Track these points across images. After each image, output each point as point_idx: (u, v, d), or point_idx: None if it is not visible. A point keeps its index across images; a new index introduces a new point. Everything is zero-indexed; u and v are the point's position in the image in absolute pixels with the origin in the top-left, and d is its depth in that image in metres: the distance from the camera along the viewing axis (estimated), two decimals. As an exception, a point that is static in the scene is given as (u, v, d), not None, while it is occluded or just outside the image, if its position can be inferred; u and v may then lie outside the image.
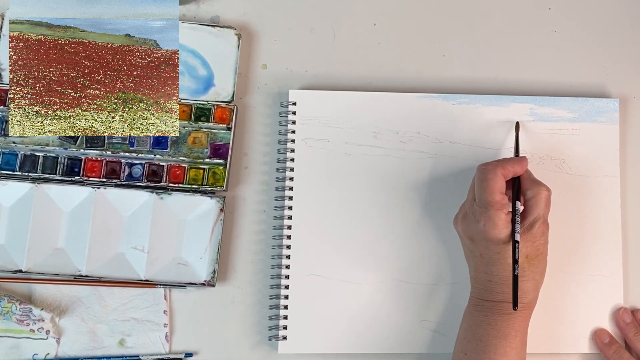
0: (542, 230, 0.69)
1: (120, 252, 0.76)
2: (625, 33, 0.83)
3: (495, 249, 0.68)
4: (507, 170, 0.69)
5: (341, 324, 0.76)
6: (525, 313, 0.69)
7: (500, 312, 0.68)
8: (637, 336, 0.75)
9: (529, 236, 0.69)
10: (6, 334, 0.75)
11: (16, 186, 0.76)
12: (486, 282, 0.69)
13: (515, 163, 0.71)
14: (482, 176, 0.69)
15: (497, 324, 0.68)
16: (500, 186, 0.68)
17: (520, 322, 0.69)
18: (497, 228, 0.67)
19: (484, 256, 0.69)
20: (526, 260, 0.68)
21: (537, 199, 0.69)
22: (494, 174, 0.68)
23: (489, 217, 0.68)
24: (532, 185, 0.70)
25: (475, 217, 0.69)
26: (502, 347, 0.68)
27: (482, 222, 0.68)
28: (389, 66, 0.82)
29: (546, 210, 0.70)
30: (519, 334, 0.68)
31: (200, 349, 0.77)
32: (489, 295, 0.69)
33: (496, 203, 0.68)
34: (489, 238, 0.68)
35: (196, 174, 0.77)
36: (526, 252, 0.68)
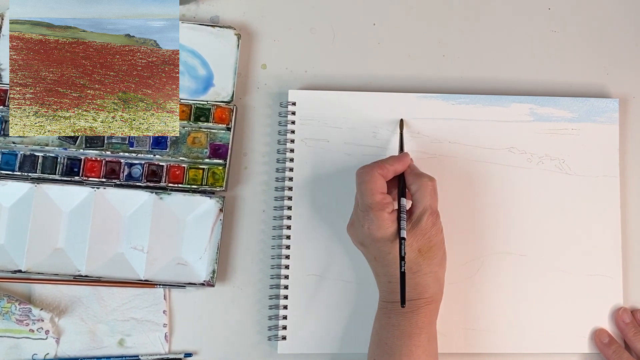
0: (432, 221, 0.68)
1: (119, 252, 0.76)
2: (625, 33, 0.83)
3: (385, 250, 0.67)
4: (386, 170, 0.69)
5: (341, 324, 0.76)
6: (430, 308, 0.68)
7: (402, 312, 0.68)
8: (637, 336, 0.75)
9: (418, 230, 0.68)
10: (6, 334, 0.75)
11: (16, 186, 0.76)
12: (387, 284, 0.69)
13: (395, 161, 0.70)
14: (360, 179, 0.69)
15: (400, 325, 0.67)
16: (379, 187, 0.68)
17: (424, 318, 0.68)
18: (382, 228, 0.67)
19: (378, 259, 0.69)
20: (419, 254, 0.67)
21: (422, 191, 0.69)
22: (370, 175, 0.68)
23: (372, 219, 0.67)
24: (415, 179, 0.69)
25: (360, 221, 0.68)
26: (407, 347, 0.67)
27: (366, 225, 0.68)
28: (389, 66, 0.82)
29: (433, 200, 0.69)
30: (423, 331, 0.67)
31: (200, 349, 0.77)
32: (391, 296, 0.69)
33: (377, 204, 0.67)
34: (377, 239, 0.67)
35: (196, 174, 0.77)
36: (418, 246, 0.67)
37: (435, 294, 0.69)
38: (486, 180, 0.78)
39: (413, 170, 0.71)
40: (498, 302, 0.77)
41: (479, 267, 0.77)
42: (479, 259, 0.77)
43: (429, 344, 0.68)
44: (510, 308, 0.76)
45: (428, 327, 0.68)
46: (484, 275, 0.77)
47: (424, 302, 0.68)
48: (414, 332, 0.67)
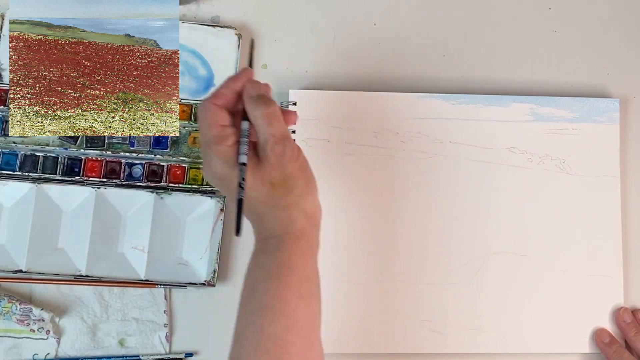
0: (280, 150, 0.59)
1: (120, 252, 0.76)
2: (625, 33, 0.83)
3: (234, 187, 0.58)
4: (222, 97, 0.60)
5: (341, 323, 0.76)
6: (300, 244, 0.61)
7: (267, 250, 0.60)
8: (638, 336, 0.75)
9: (265, 163, 0.59)
10: (6, 334, 0.75)
11: (16, 186, 0.76)
12: (253, 223, 0.62)
13: (230, 81, 0.61)
14: (198, 115, 0.60)
15: (266, 265, 0.60)
16: (215, 119, 0.59)
17: (293, 256, 0.60)
18: (226, 163, 0.59)
19: (232, 198, 0.59)
20: (272, 187, 0.59)
21: (260, 118, 0.59)
22: (205, 108, 0.59)
23: (211, 156, 0.59)
24: (253, 106, 0.60)
25: (205, 161, 0.61)
26: (274, 289, 0.58)
27: (206, 164, 0.60)
28: (389, 66, 0.82)
29: (276, 127, 0.59)
30: (293, 270, 0.59)
31: (200, 349, 0.77)
32: (258, 235, 0.62)
33: (214, 138, 0.59)
34: (222, 178, 0.60)
35: (196, 174, 0.77)
36: (270, 180, 0.59)
37: (304, 228, 0.61)
38: (486, 181, 0.78)
39: (250, 93, 0.61)
40: (498, 302, 0.77)
41: (480, 267, 0.77)
42: (479, 259, 0.77)
43: (300, 284, 0.59)
44: (511, 308, 0.76)
45: (301, 266, 0.60)
46: (484, 276, 0.77)
47: (290, 237, 0.60)
48: (283, 272, 0.59)
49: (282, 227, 0.61)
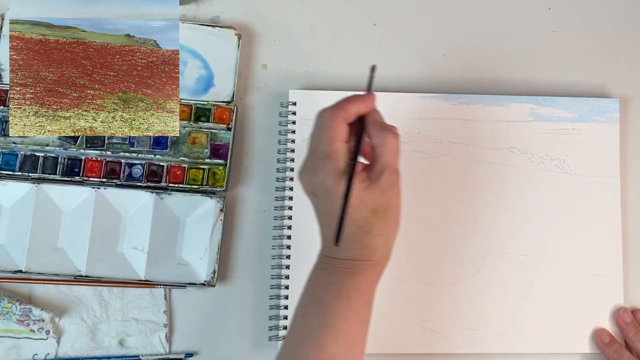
0: (392, 181, 0.61)
1: (120, 252, 0.76)
2: (625, 33, 0.83)
3: (339, 203, 0.60)
4: (348, 113, 0.62)
5: (341, 324, 0.76)
6: (373, 272, 0.63)
7: (344, 270, 0.62)
8: (638, 336, 0.75)
9: (376, 188, 0.61)
10: (6, 334, 0.75)
11: (16, 186, 0.76)
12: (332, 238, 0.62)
13: (359, 101, 0.63)
14: (320, 123, 0.62)
15: (340, 284, 0.62)
16: (339, 133, 0.61)
17: (366, 282, 0.62)
18: (336, 177, 0.60)
19: (329, 211, 0.61)
20: (373, 214, 0.61)
21: (384, 146, 0.61)
22: (332, 120, 0.61)
23: (329, 169, 0.60)
24: (378, 132, 0.62)
25: (316, 169, 0.61)
26: (343, 310, 0.61)
27: (321, 174, 0.60)
28: (389, 66, 0.82)
29: (394, 158, 0.62)
30: (363, 296, 0.62)
31: (200, 349, 0.77)
32: (335, 252, 0.62)
33: (336, 153, 0.60)
34: (331, 191, 0.60)
35: (196, 174, 0.77)
36: (373, 206, 0.61)
37: (382, 259, 0.63)
38: (486, 181, 0.78)
39: (377, 119, 0.63)
40: (498, 302, 0.77)
41: (480, 268, 0.77)
42: (479, 259, 0.77)
43: (364, 311, 0.63)
44: (511, 308, 0.76)
45: (368, 293, 0.63)
46: (484, 276, 0.77)
47: (369, 264, 0.62)
48: (353, 295, 0.61)
49: (364, 253, 0.62)
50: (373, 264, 0.63)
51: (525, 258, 0.77)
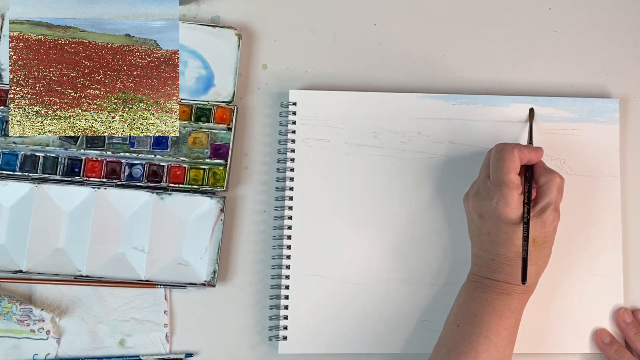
0: (553, 217, 0.70)
1: (120, 252, 0.76)
2: (625, 33, 0.83)
3: (504, 229, 0.69)
4: (523, 155, 0.70)
5: (341, 324, 0.76)
6: (523, 297, 0.70)
7: (499, 291, 0.69)
8: (638, 336, 0.75)
9: (538, 221, 0.69)
10: (6, 334, 0.75)
11: (16, 186, 0.76)
12: (489, 261, 0.70)
13: (532, 151, 0.71)
14: (499, 155, 0.70)
15: (494, 302, 0.69)
16: (515, 166, 0.69)
17: (517, 303, 0.69)
18: (509, 207, 0.68)
19: (492, 234, 0.69)
20: (533, 244, 0.69)
21: (550, 185, 0.70)
22: (511, 153, 0.69)
23: (503, 195, 0.68)
24: (545, 173, 0.71)
25: (489, 194, 0.69)
26: (496, 325, 0.68)
27: (495, 199, 0.69)
28: (389, 66, 0.82)
29: (558, 197, 0.70)
30: (514, 315, 0.69)
31: (200, 349, 0.77)
32: (490, 273, 0.70)
33: (511, 182, 0.68)
34: (500, 216, 0.68)
35: (196, 174, 0.77)
36: (534, 236, 0.69)
37: (531, 286, 0.70)
38: (487, 180, 0.78)
39: (544, 164, 0.72)
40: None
41: (480, 267, 0.77)
42: (479, 259, 0.77)
43: (514, 330, 0.69)
44: (511, 308, 0.76)
45: (517, 314, 0.69)
46: (484, 275, 0.77)
47: (521, 289, 0.69)
48: (506, 314, 0.68)
49: (518, 278, 0.68)
50: (524, 289, 0.69)
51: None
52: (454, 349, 0.68)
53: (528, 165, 0.72)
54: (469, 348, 0.67)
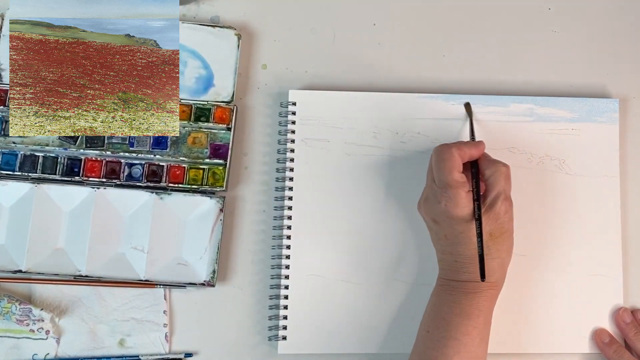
0: (506, 207, 0.69)
1: (120, 252, 0.76)
2: (625, 33, 0.83)
3: (458, 228, 0.68)
4: (463, 152, 0.70)
5: (341, 324, 0.76)
6: (491, 293, 0.69)
7: (465, 291, 0.69)
8: (637, 336, 0.75)
9: (491, 214, 0.68)
10: (6, 334, 0.75)
11: (16, 186, 0.76)
12: (452, 263, 0.70)
13: (472, 147, 0.71)
14: (438, 157, 0.69)
15: (461, 303, 0.68)
16: (456, 165, 0.69)
17: (484, 301, 0.69)
18: (458, 206, 0.68)
19: (449, 236, 0.69)
20: (490, 238, 0.68)
21: (496, 176, 0.69)
22: (449, 154, 0.69)
23: (449, 196, 0.68)
24: (489, 165, 0.70)
25: (436, 198, 0.69)
26: (465, 326, 0.67)
27: (443, 202, 0.68)
28: (389, 66, 0.82)
29: (506, 186, 0.70)
30: (482, 313, 0.68)
31: (200, 349, 0.77)
32: (455, 275, 0.70)
33: (455, 182, 0.68)
34: (452, 217, 0.68)
35: (196, 174, 0.77)
36: (489, 230, 0.68)
37: (499, 280, 0.70)
38: (486, 180, 0.78)
39: (487, 157, 0.72)
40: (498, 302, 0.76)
41: (479, 267, 0.77)
42: (479, 259, 0.77)
43: (484, 327, 0.69)
44: (511, 308, 0.76)
45: (487, 311, 0.69)
46: (484, 275, 0.77)
47: (487, 285, 0.69)
48: (474, 313, 0.68)
49: None
50: (490, 286, 0.69)
51: (525, 258, 0.77)
52: (424, 355, 0.68)
53: (473, 161, 0.71)
54: (439, 353, 0.67)
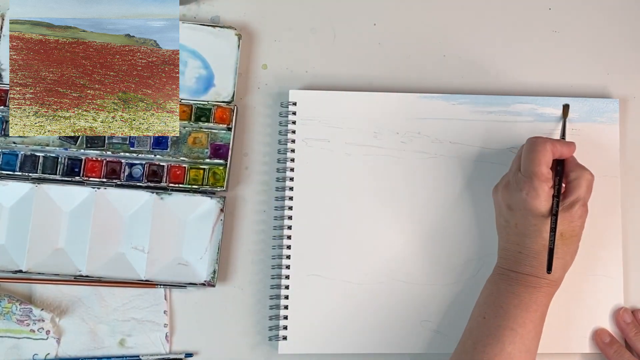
0: (581, 212, 0.70)
1: (120, 252, 0.76)
2: (625, 33, 0.83)
3: (532, 221, 0.69)
4: (556, 148, 0.70)
5: (341, 324, 0.76)
6: (549, 290, 0.70)
7: (525, 284, 0.69)
8: (638, 336, 0.75)
9: (567, 215, 0.69)
10: (6, 334, 0.75)
11: (16, 186, 0.76)
12: (516, 254, 0.70)
13: (564, 145, 0.71)
14: (531, 147, 0.70)
15: (520, 295, 0.69)
16: (547, 159, 0.69)
17: (543, 297, 0.69)
18: (538, 199, 0.68)
19: (519, 226, 0.70)
20: (560, 237, 0.69)
21: (580, 180, 0.70)
22: (543, 146, 0.69)
23: (533, 187, 0.68)
24: (576, 168, 0.71)
25: (519, 186, 0.69)
26: (522, 318, 0.68)
27: (524, 191, 0.69)
28: (389, 66, 0.82)
29: (587, 193, 0.71)
30: (540, 308, 0.69)
31: (200, 349, 0.77)
32: (517, 266, 0.70)
33: (542, 175, 0.69)
34: (529, 208, 0.69)
35: (196, 174, 0.77)
36: (562, 230, 0.69)
37: (558, 280, 0.70)
38: (487, 181, 0.78)
39: (575, 160, 0.72)
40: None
41: (480, 267, 0.77)
42: (479, 259, 0.77)
43: (540, 322, 0.69)
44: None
45: (543, 307, 0.69)
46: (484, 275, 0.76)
47: (546, 282, 0.69)
48: (532, 307, 0.68)
49: (544, 269, 0.69)
50: (550, 283, 0.69)
51: (526, 258, 0.77)
52: (480, 341, 0.68)
53: (560, 160, 0.72)
54: (495, 340, 0.67)
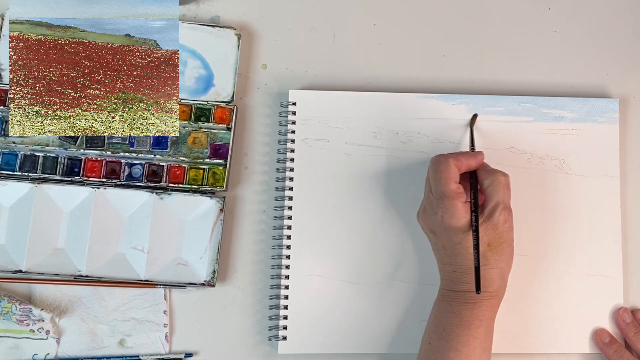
0: (505, 217, 0.69)
1: (120, 252, 0.76)
2: (625, 33, 0.83)
3: (456, 239, 0.68)
4: (461, 163, 0.69)
5: (341, 324, 0.76)
6: (492, 302, 0.69)
7: (464, 301, 0.68)
8: (637, 336, 0.75)
9: (490, 224, 0.68)
10: (6, 334, 0.75)
11: (16, 186, 0.76)
12: (451, 273, 0.70)
13: (470, 157, 0.71)
14: (435, 167, 0.69)
15: (460, 313, 0.68)
16: (453, 176, 0.68)
17: (485, 311, 0.68)
18: (455, 217, 0.67)
19: (447, 247, 0.69)
20: (488, 248, 0.68)
21: (494, 185, 0.69)
22: (446, 164, 0.69)
23: (446, 207, 0.68)
24: (488, 175, 0.70)
25: (433, 209, 0.69)
26: (465, 336, 0.67)
27: (439, 213, 0.68)
28: (389, 66, 0.82)
29: (505, 195, 0.69)
30: (483, 323, 0.68)
31: (200, 349, 0.77)
32: (454, 285, 0.69)
33: (451, 192, 0.68)
34: (449, 228, 0.68)
35: (196, 174, 0.77)
36: (488, 240, 0.68)
37: (498, 290, 0.69)
38: (486, 180, 0.78)
39: (486, 167, 0.72)
40: (498, 302, 0.77)
41: (480, 267, 0.77)
42: (479, 259, 0.77)
43: (485, 337, 0.68)
44: (511, 308, 0.76)
45: (488, 320, 0.69)
46: (484, 275, 0.77)
47: (487, 295, 0.68)
48: (474, 323, 0.68)
49: (482, 285, 0.67)
50: (490, 295, 0.68)
51: (526, 258, 0.77)
52: None
53: (471, 172, 0.71)
54: None
